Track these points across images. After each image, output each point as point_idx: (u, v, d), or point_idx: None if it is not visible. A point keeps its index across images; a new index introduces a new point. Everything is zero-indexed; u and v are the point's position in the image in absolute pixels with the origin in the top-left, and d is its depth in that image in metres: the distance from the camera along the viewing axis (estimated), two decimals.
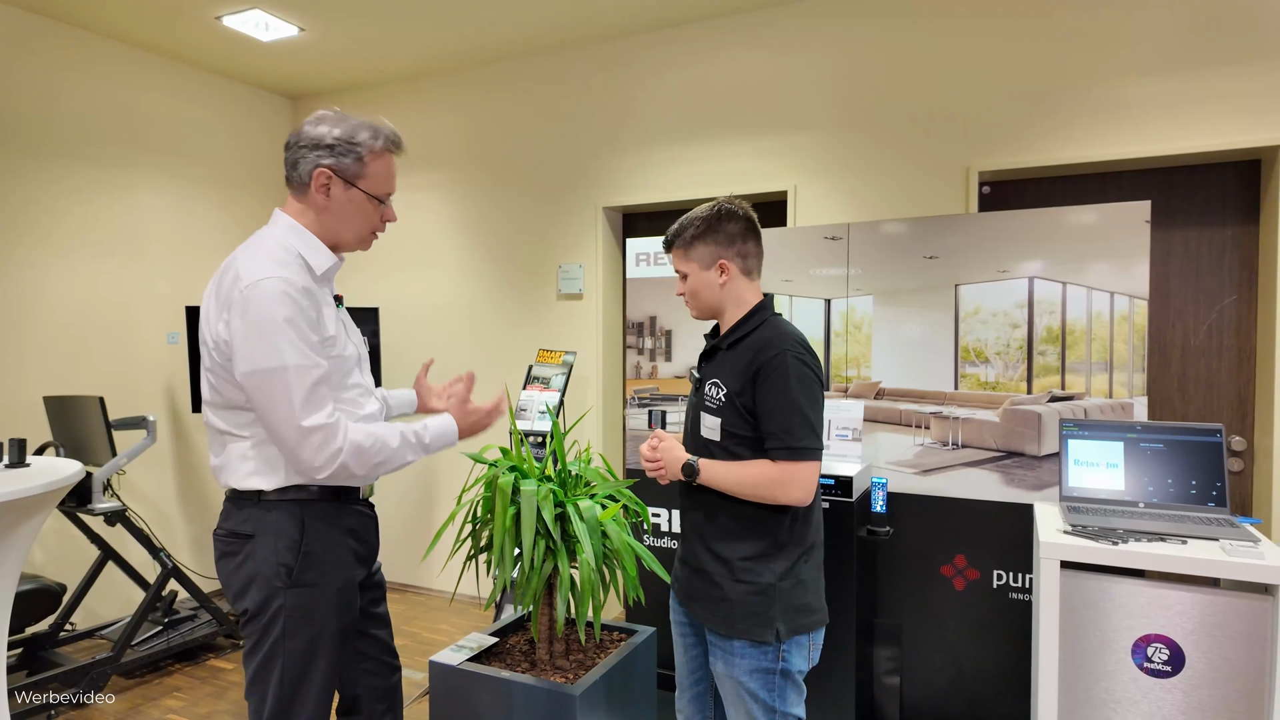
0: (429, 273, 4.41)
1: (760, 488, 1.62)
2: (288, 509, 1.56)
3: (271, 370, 1.46)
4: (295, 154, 1.59)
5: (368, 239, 1.68)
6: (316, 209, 1.60)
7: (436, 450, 1.69)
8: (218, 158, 4.37)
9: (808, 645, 1.70)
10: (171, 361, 4.12)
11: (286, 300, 1.47)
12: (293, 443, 1.48)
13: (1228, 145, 2.76)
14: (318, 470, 1.50)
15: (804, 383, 1.62)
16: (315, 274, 1.58)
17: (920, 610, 2.75)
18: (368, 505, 1.74)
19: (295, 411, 1.46)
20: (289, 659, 1.56)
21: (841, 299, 2.89)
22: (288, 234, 1.59)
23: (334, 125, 1.58)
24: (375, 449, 1.55)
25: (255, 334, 1.45)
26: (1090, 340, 2.56)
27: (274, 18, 3.59)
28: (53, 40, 3.62)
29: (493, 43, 3.93)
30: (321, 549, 1.58)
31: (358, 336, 1.75)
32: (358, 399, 1.66)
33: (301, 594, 1.56)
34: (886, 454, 2.81)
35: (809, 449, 1.60)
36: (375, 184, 1.62)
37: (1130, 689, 1.97)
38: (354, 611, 1.65)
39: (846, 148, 3.37)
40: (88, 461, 3.20)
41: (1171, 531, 1.97)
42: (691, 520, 1.79)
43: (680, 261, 1.78)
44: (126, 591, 3.77)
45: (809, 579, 1.69)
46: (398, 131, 1.67)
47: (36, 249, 3.58)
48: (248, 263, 1.51)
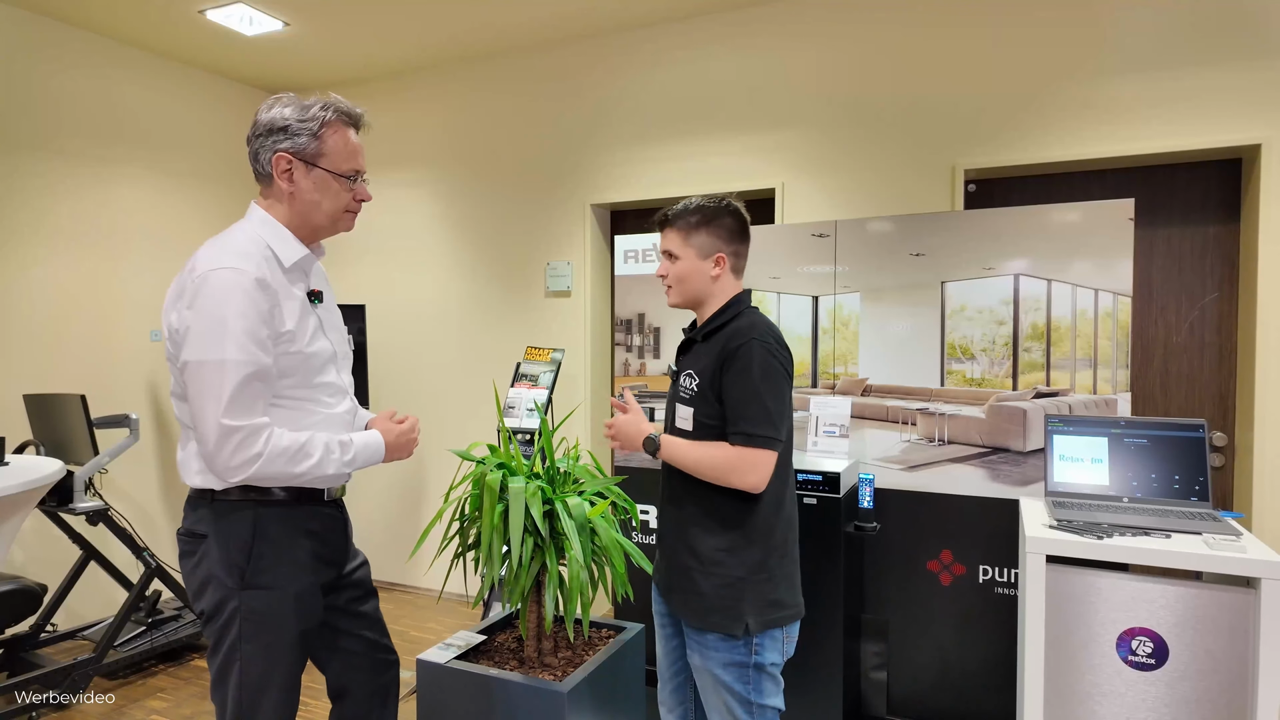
0: (416, 270, 4.38)
1: (716, 469, 1.62)
2: (240, 510, 1.52)
3: (208, 362, 1.42)
4: (254, 145, 1.56)
5: (344, 219, 1.63)
6: (284, 197, 1.57)
7: (359, 467, 1.61)
8: (200, 153, 4.33)
9: (781, 639, 1.70)
10: (154, 359, 4.07)
11: (236, 291, 1.43)
12: (212, 440, 1.42)
13: (1209, 144, 2.79)
14: (230, 473, 1.44)
15: (768, 372, 1.62)
16: (284, 266, 1.54)
17: (907, 605, 2.76)
18: (335, 506, 1.68)
19: (220, 407, 1.41)
20: (246, 663, 1.52)
21: (829, 296, 2.90)
22: (258, 226, 1.56)
23: (285, 107, 1.55)
24: (296, 459, 1.48)
25: (201, 324, 1.42)
26: (1075, 337, 2.58)
27: (258, 12, 3.55)
28: (31, 33, 3.57)
29: (479, 39, 3.90)
30: (275, 551, 1.54)
31: (339, 334, 1.70)
32: (325, 398, 1.61)
33: (256, 597, 1.52)
34: (873, 450, 2.82)
35: (765, 437, 1.60)
36: (336, 160, 1.57)
37: (1115, 682, 1.99)
38: (315, 616, 1.61)
39: (834, 146, 3.38)
40: (69, 460, 3.16)
41: (1155, 526, 1.99)
42: (668, 512, 1.80)
43: (676, 243, 1.75)
44: (109, 591, 3.73)
45: (780, 574, 1.69)
46: (356, 107, 1.62)
47: (15, 244, 3.53)
48: (208, 253, 1.48)
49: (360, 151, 1.61)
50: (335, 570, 1.69)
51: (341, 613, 1.75)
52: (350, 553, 1.78)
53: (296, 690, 1.61)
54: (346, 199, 1.61)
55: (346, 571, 1.76)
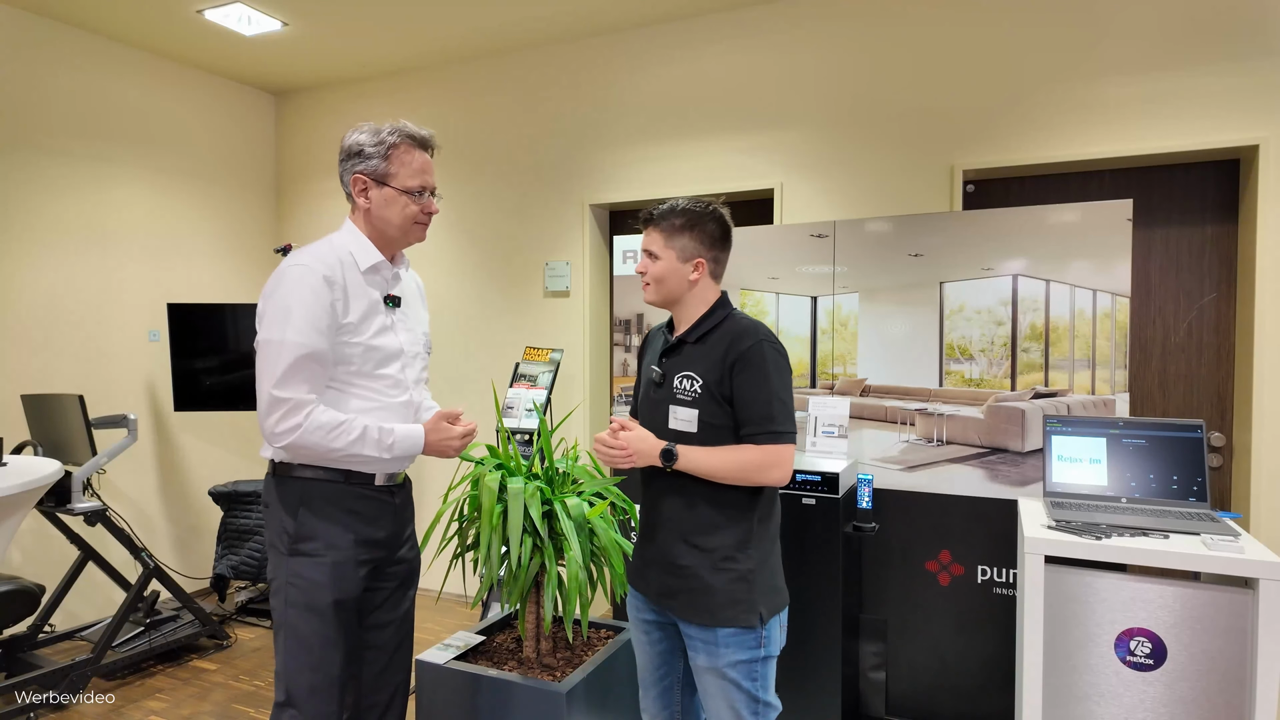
0: (415, 270, 4.37)
1: (747, 470, 1.66)
2: (293, 482, 1.71)
3: (270, 341, 1.61)
4: (341, 170, 1.78)
5: (414, 230, 1.80)
6: (363, 212, 1.77)
7: (400, 455, 1.73)
8: (199, 153, 4.32)
9: (778, 626, 1.75)
10: (153, 359, 4.07)
11: (304, 284, 1.63)
12: (263, 407, 1.62)
13: (1207, 145, 2.79)
14: (274, 438, 1.62)
15: (780, 371, 1.69)
16: (360, 269, 1.74)
17: (905, 605, 2.76)
18: (388, 491, 1.78)
19: (274, 380, 1.60)
20: (289, 628, 1.68)
21: (827, 296, 2.90)
22: (344, 235, 1.78)
23: (361, 134, 1.75)
24: (335, 435, 1.63)
25: (272, 308, 1.64)
26: (1073, 337, 2.58)
27: (256, 11, 3.55)
28: (28, 32, 3.56)
29: (478, 38, 3.90)
30: (317, 521, 1.69)
31: (412, 336, 1.86)
32: (384, 389, 1.76)
33: (300, 563, 1.68)
34: (872, 450, 2.82)
35: (788, 433, 1.67)
36: (403, 179, 1.75)
37: (1113, 682, 1.99)
38: (351, 590, 1.71)
39: (833, 146, 3.38)
40: (67, 461, 3.15)
41: (1154, 526, 2.00)
42: (666, 515, 1.76)
43: (657, 244, 1.79)
44: (107, 592, 3.73)
45: (774, 561, 1.76)
46: (423, 130, 1.79)
47: (12, 244, 3.52)
48: (294, 255, 1.70)
49: (428, 169, 1.80)
50: (383, 551, 1.79)
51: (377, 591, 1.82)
52: (404, 539, 1.86)
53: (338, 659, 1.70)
54: (414, 212, 1.78)
55: (397, 557, 1.84)
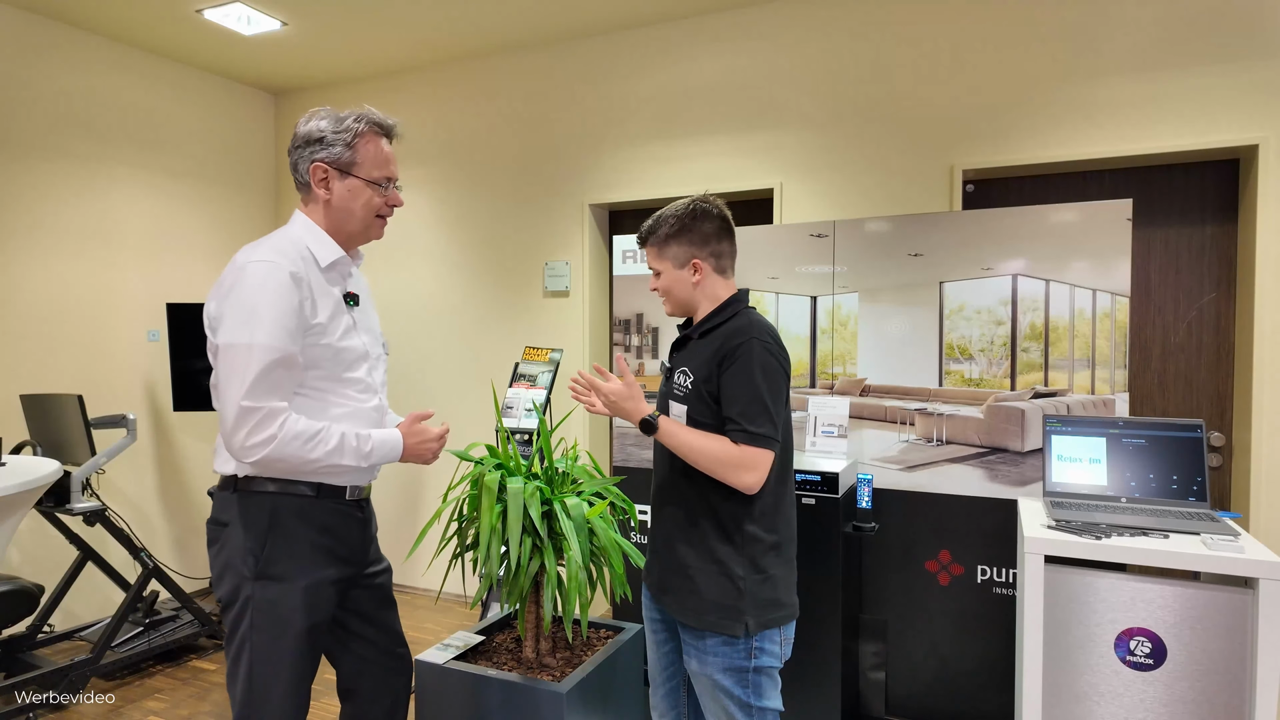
0: (414, 270, 4.38)
1: (715, 462, 1.61)
2: (260, 499, 1.58)
3: (237, 345, 1.48)
4: (294, 156, 1.66)
5: (375, 224, 1.72)
6: (322, 204, 1.66)
7: (377, 462, 1.66)
8: (198, 153, 4.32)
9: (779, 640, 1.70)
10: (152, 359, 4.06)
11: (270, 282, 1.50)
12: (230, 419, 1.48)
13: (1207, 144, 2.79)
14: (245, 452, 1.48)
15: (768, 371, 1.62)
16: (320, 265, 1.62)
17: (905, 605, 2.76)
18: (357, 505, 1.71)
19: (243, 388, 1.47)
20: (255, 653, 1.56)
21: (827, 296, 2.90)
22: (298, 229, 1.65)
23: (321, 119, 1.64)
24: (312, 445, 1.53)
25: (235, 310, 1.50)
26: (1073, 337, 2.58)
27: (255, 11, 3.55)
28: (26, 31, 3.56)
29: (478, 38, 3.90)
30: (289, 543, 1.58)
31: (372, 336, 1.76)
32: (353, 393, 1.67)
33: (267, 587, 1.56)
34: (872, 450, 2.82)
35: (765, 437, 1.60)
36: (369, 168, 1.66)
37: (1113, 682, 1.99)
38: (324, 611, 1.63)
39: (832, 146, 3.38)
40: (66, 461, 3.15)
41: (1153, 526, 2.00)
42: (665, 512, 1.78)
43: (655, 259, 1.78)
44: (106, 592, 3.73)
45: (777, 574, 1.69)
46: (389, 118, 1.71)
47: (11, 244, 3.52)
48: (248, 250, 1.57)
49: (392, 160, 1.71)
50: (352, 568, 1.70)
51: (355, 614, 1.76)
52: (371, 555, 1.80)
53: (307, 684, 1.63)
54: (379, 204, 1.70)
55: (368, 574, 1.77)
